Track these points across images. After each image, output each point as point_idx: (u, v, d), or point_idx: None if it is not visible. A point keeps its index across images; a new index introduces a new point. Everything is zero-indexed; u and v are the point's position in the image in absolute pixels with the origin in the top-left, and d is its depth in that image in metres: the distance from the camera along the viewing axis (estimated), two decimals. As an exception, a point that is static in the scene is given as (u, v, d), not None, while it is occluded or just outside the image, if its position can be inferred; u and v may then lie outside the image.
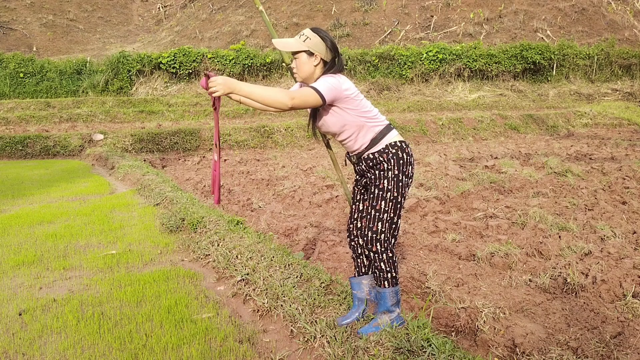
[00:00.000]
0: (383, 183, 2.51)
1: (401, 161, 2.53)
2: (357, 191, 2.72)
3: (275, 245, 3.96)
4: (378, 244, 2.52)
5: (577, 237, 4.27)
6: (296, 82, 2.67)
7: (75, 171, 9.63)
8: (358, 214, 2.70)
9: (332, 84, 2.41)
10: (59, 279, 3.69)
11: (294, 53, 2.49)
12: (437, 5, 25.47)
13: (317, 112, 2.56)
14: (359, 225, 2.70)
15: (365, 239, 2.55)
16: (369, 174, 2.59)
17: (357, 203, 2.71)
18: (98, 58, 21.26)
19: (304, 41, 2.45)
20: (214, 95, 2.30)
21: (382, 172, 2.53)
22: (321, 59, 2.48)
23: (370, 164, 2.56)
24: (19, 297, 3.34)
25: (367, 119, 2.53)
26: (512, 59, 19.99)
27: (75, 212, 5.79)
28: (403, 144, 2.56)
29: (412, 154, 2.59)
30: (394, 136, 2.56)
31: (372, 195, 2.55)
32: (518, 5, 24.93)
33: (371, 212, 2.53)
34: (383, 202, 2.52)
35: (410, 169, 2.57)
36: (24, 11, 29.74)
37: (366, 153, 2.56)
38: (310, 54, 2.46)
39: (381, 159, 2.53)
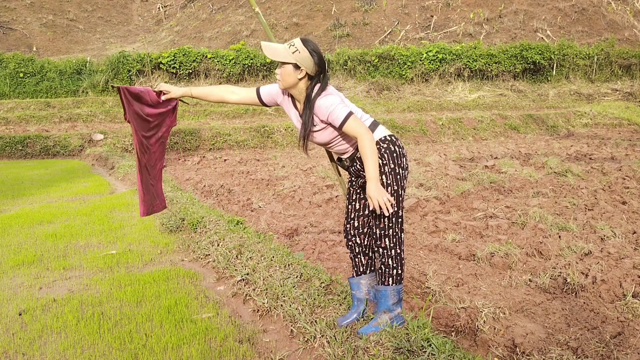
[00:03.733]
0: (381, 179, 2.52)
1: (394, 154, 2.54)
2: (353, 191, 2.72)
3: (275, 245, 3.96)
4: (387, 239, 2.53)
5: (577, 237, 4.27)
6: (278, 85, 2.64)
7: (75, 171, 9.63)
8: (355, 213, 2.71)
9: (339, 104, 2.44)
10: (59, 279, 3.69)
11: (281, 62, 2.49)
12: (437, 5, 25.46)
13: (306, 131, 2.55)
14: (356, 224, 2.70)
15: (374, 237, 2.56)
16: (364, 172, 2.59)
17: (354, 202, 2.71)
18: (98, 58, 21.23)
19: (293, 53, 2.44)
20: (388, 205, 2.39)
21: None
22: (306, 73, 2.48)
23: None
24: (19, 297, 3.34)
25: None
26: (512, 59, 19.98)
27: (75, 212, 5.79)
28: (392, 137, 2.58)
29: (402, 146, 2.60)
30: (382, 132, 2.58)
31: None
32: (518, 5, 24.92)
33: (374, 209, 2.54)
34: None
35: (404, 160, 2.58)
36: (24, 11, 29.73)
37: (359, 153, 2.56)
38: (297, 67, 2.46)
39: None
